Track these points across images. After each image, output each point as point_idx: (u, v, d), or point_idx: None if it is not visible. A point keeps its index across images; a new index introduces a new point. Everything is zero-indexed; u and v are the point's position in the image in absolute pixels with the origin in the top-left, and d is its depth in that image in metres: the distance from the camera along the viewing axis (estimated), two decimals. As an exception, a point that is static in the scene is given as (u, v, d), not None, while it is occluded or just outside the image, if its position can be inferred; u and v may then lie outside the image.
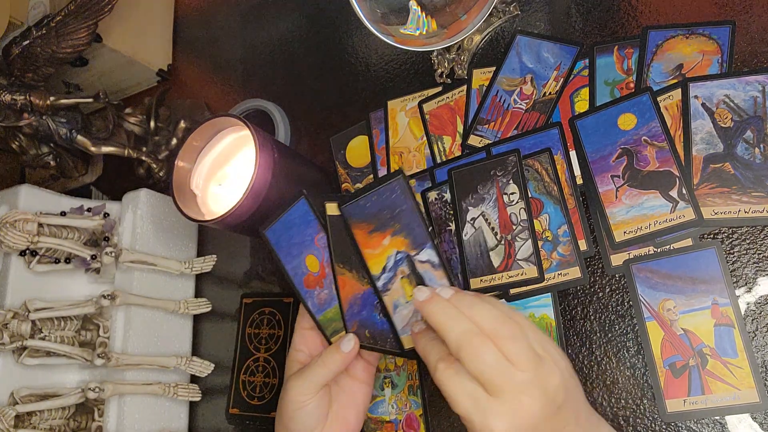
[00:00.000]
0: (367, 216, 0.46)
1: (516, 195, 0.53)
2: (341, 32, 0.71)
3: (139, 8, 0.79)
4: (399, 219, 0.45)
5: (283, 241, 0.50)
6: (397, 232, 0.46)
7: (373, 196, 0.46)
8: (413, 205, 0.45)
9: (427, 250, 0.45)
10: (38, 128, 0.69)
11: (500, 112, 0.58)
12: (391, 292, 0.46)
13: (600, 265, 0.50)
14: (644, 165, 0.50)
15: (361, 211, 0.47)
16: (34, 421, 0.56)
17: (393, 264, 0.46)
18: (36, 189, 0.63)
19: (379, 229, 0.46)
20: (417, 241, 0.45)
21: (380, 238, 0.46)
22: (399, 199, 0.45)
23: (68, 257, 0.62)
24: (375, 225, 0.46)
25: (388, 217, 0.46)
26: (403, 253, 0.46)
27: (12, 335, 0.57)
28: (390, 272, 0.46)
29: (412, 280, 0.46)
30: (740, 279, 0.46)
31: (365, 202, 0.46)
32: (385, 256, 0.46)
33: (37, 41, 0.65)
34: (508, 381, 0.37)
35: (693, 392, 0.45)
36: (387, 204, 0.46)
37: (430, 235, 0.45)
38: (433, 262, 0.45)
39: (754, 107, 0.48)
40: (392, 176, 0.45)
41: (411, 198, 0.45)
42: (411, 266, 0.45)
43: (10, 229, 0.57)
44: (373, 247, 0.46)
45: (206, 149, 0.60)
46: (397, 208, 0.46)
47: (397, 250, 0.46)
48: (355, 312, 0.48)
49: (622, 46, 0.55)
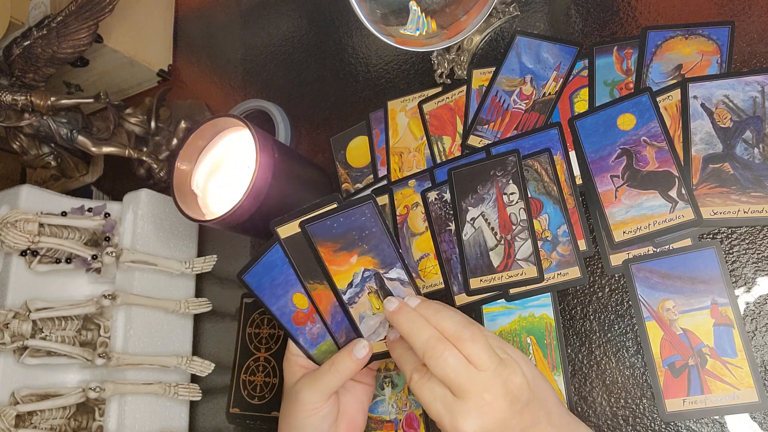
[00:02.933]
0: (333, 236, 0.47)
1: (516, 195, 0.53)
2: (341, 33, 0.71)
3: (139, 9, 0.79)
4: (367, 240, 0.46)
5: (265, 282, 0.49)
6: (365, 252, 0.47)
7: (340, 218, 0.46)
8: (383, 228, 0.46)
9: (396, 269, 0.47)
10: (39, 128, 0.69)
11: (500, 112, 0.58)
12: (358, 305, 0.48)
13: (599, 265, 0.50)
14: (644, 165, 0.50)
15: (326, 231, 0.47)
16: (34, 420, 0.57)
17: (360, 280, 0.47)
18: (37, 189, 0.64)
19: (346, 248, 0.47)
20: (386, 261, 0.47)
21: (347, 257, 0.47)
22: (369, 222, 0.46)
23: (69, 257, 0.62)
24: (341, 244, 0.47)
25: (356, 238, 0.46)
26: (371, 271, 0.47)
27: (13, 335, 0.57)
28: (357, 288, 0.47)
29: (380, 295, 0.47)
30: (739, 279, 0.46)
31: (332, 223, 0.46)
32: (351, 272, 0.47)
33: (38, 42, 0.65)
34: (471, 381, 0.39)
35: (692, 392, 0.45)
36: (355, 225, 0.46)
37: (399, 255, 0.47)
38: (402, 279, 0.47)
39: (753, 107, 0.48)
40: (363, 200, 0.45)
41: (381, 221, 0.46)
42: (380, 282, 0.47)
43: (11, 229, 0.58)
44: (339, 264, 0.47)
45: (207, 149, 0.60)
46: (366, 230, 0.46)
47: (365, 268, 0.47)
48: (338, 321, 0.49)
49: (621, 46, 0.55)
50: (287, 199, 0.56)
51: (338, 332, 0.49)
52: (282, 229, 0.48)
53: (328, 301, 0.49)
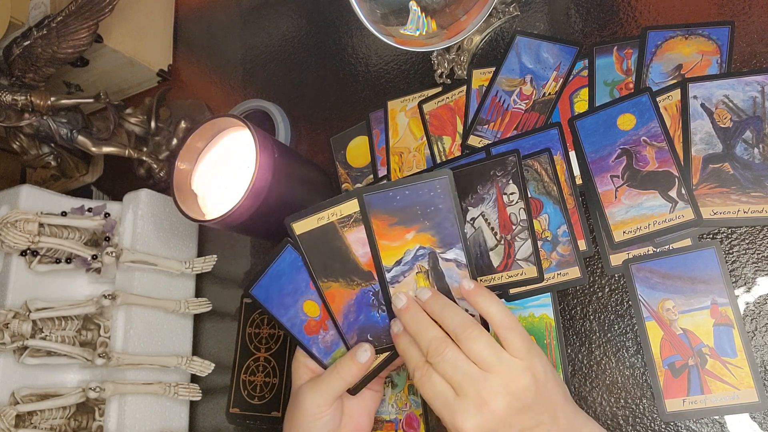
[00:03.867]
0: (392, 209, 0.45)
1: (515, 195, 0.53)
2: (341, 33, 0.71)
3: (139, 9, 0.79)
4: (431, 217, 0.44)
5: (274, 293, 0.49)
6: (424, 229, 0.45)
7: (405, 190, 0.44)
8: (452, 206, 0.44)
9: (456, 249, 0.45)
10: (39, 128, 0.69)
11: (500, 112, 0.58)
12: (400, 284, 0.46)
13: (599, 265, 0.50)
14: (643, 165, 0.50)
15: (386, 203, 0.45)
16: (34, 420, 0.57)
17: (412, 258, 0.45)
18: (37, 189, 0.64)
19: (404, 223, 0.45)
20: (446, 240, 0.45)
21: (402, 232, 0.45)
22: (437, 198, 0.44)
23: (69, 257, 0.62)
24: (399, 219, 0.45)
25: (418, 214, 0.45)
26: (427, 249, 0.45)
27: (13, 335, 0.57)
28: (405, 266, 0.46)
29: (430, 275, 0.46)
30: (739, 279, 0.46)
31: (395, 195, 0.44)
32: (403, 249, 0.45)
33: (38, 42, 0.65)
34: (469, 380, 0.40)
35: (692, 392, 0.45)
36: (420, 201, 0.44)
37: (463, 236, 0.45)
38: (459, 261, 0.45)
39: (753, 107, 0.48)
40: (438, 174, 0.44)
41: (452, 199, 0.44)
42: (434, 262, 0.45)
43: (11, 229, 0.58)
44: (391, 239, 0.45)
45: (206, 149, 0.60)
46: (432, 206, 0.44)
47: (421, 245, 0.45)
48: (351, 321, 0.47)
49: (621, 46, 0.55)
50: (287, 199, 0.56)
51: (349, 333, 0.48)
52: (298, 224, 0.47)
53: (341, 299, 0.47)
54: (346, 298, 0.47)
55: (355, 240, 0.47)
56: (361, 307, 0.47)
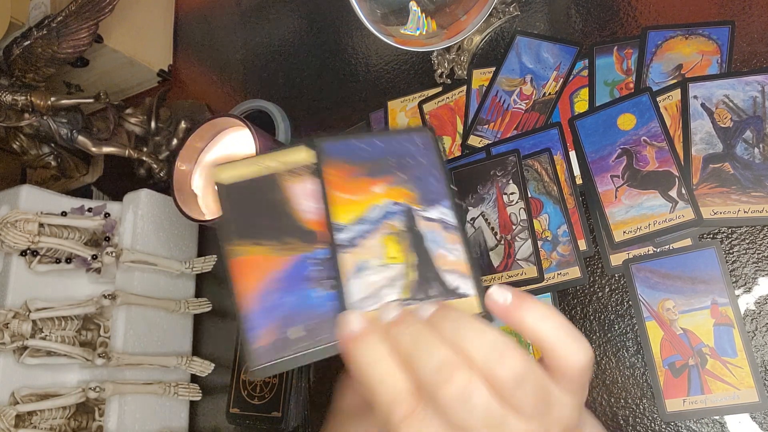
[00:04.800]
0: (358, 159, 0.36)
1: (516, 195, 0.53)
2: (341, 33, 0.71)
3: (139, 9, 0.79)
4: (409, 170, 0.36)
5: None
6: (399, 182, 0.35)
7: (377, 141, 0.36)
8: (436, 162, 0.36)
9: (442, 207, 0.35)
10: (39, 128, 0.69)
11: (500, 112, 0.58)
12: (358, 249, 0.33)
13: (599, 265, 0.50)
14: (644, 165, 0.50)
15: (350, 152, 0.36)
16: (34, 420, 0.57)
17: (380, 215, 0.35)
18: (37, 189, 0.63)
19: (373, 174, 0.36)
20: (428, 195, 0.35)
21: (368, 184, 0.35)
22: (418, 152, 0.36)
23: (69, 257, 0.62)
24: (366, 169, 0.36)
25: (391, 164, 0.36)
26: (401, 206, 0.35)
27: (13, 335, 0.57)
28: (369, 225, 0.34)
29: (405, 238, 0.34)
30: (740, 279, 0.46)
31: (363, 144, 0.36)
32: (368, 204, 0.35)
33: (38, 42, 0.65)
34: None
35: (692, 392, 0.45)
36: (396, 152, 0.36)
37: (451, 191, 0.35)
38: (446, 222, 0.35)
39: (753, 107, 0.48)
40: (417, 129, 0.37)
41: (436, 155, 0.36)
42: (409, 222, 0.35)
43: (11, 229, 0.58)
44: (351, 191, 0.35)
45: (207, 149, 0.60)
46: (410, 158, 0.36)
47: (394, 200, 0.35)
48: (271, 304, 0.33)
49: (621, 46, 0.55)
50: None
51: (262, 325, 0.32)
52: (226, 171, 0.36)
53: (261, 272, 0.33)
54: (271, 268, 0.33)
55: (300, 192, 0.35)
56: (292, 282, 0.33)
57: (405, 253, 0.34)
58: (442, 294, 0.33)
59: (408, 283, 0.33)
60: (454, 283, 0.33)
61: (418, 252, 0.34)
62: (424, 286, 0.33)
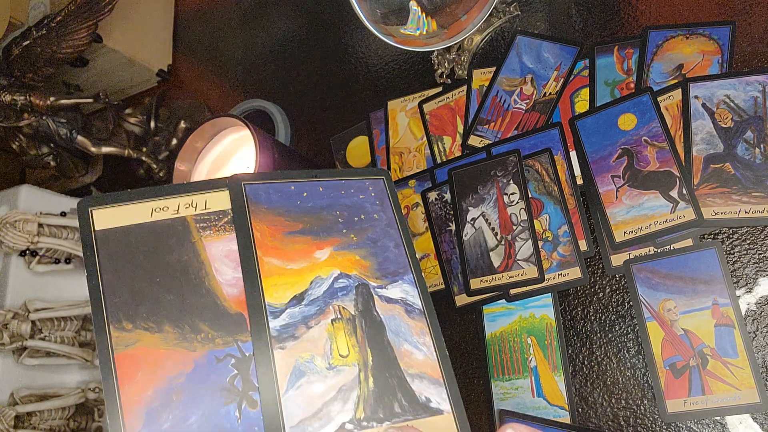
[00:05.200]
0: (294, 209, 0.28)
1: (516, 195, 0.53)
2: (341, 33, 0.71)
3: (139, 9, 0.79)
4: (360, 230, 0.29)
5: None
6: (349, 245, 0.28)
7: (319, 187, 0.29)
8: (393, 218, 0.29)
9: (403, 283, 0.28)
10: (38, 128, 0.69)
11: (500, 112, 0.58)
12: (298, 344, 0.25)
13: (600, 266, 0.50)
14: (644, 165, 0.50)
15: (283, 200, 0.28)
16: (34, 421, 0.56)
17: (324, 293, 0.26)
18: (36, 189, 0.63)
19: (314, 233, 0.28)
20: (386, 266, 0.28)
21: (310, 247, 0.28)
22: (371, 204, 0.30)
23: (68, 257, 0.62)
24: (305, 225, 0.28)
25: (339, 222, 0.29)
26: (353, 280, 0.27)
27: (12, 335, 0.57)
28: (311, 306, 0.26)
29: (359, 327, 0.26)
30: (741, 279, 0.46)
31: (299, 190, 0.28)
32: (310, 276, 0.27)
33: (38, 41, 0.65)
34: None
35: (693, 392, 0.45)
36: (344, 203, 0.29)
37: (413, 263, 0.29)
38: (410, 303, 0.27)
39: (754, 107, 0.48)
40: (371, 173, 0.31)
41: (392, 206, 0.30)
42: (365, 303, 0.27)
43: (10, 230, 0.57)
44: (287, 257, 0.27)
45: (206, 149, 0.60)
46: (363, 213, 0.29)
47: (341, 271, 0.27)
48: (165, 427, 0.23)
49: (622, 46, 0.55)
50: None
51: None
52: (103, 213, 0.25)
53: (156, 374, 0.23)
54: (169, 370, 0.23)
55: (221, 254, 0.27)
56: (197, 393, 0.23)
57: (360, 349, 0.25)
58: (408, 411, 0.24)
59: (364, 396, 0.24)
60: (425, 392, 0.25)
61: (376, 348, 0.26)
62: (385, 400, 0.24)
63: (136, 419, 0.22)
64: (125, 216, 0.25)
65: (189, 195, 0.27)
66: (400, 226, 0.29)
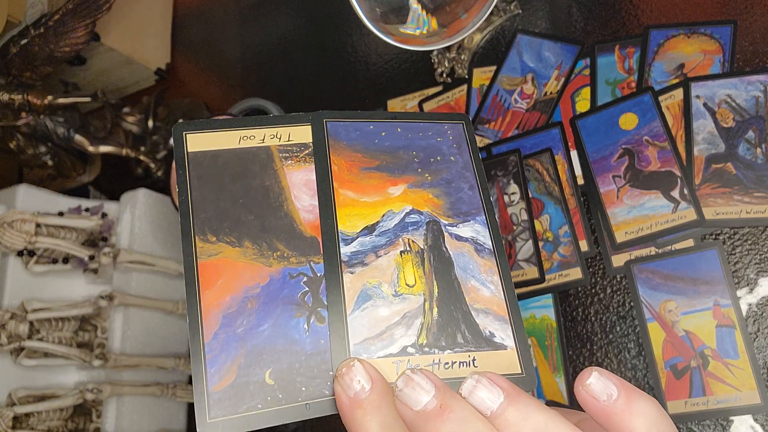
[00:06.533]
0: (370, 147, 0.29)
1: (516, 195, 0.53)
2: (340, 31, 0.71)
3: (137, 7, 0.79)
4: (436, 170, 0.29)
5: None
6: (423, 184, 0.29)
7: (397, 127, 0.30)
8: (470, 161, 0.30)
9: (476, 223, 0.28)
10: (36, 127, 0.68)
11: (501, 111, 0.57)
12: (366, 270, 0.26)
13: (601, 266, 0.50)
14: (646, 165, 0.50)
15: (362, 138, 0.29)
16: (31, 422, 0.56)
17: (395, 226, 0.28)
18: (34, 189, 0.63)
19: (389, 170, 0.29)
20: (459, 206, 0.29)
21: (384, 183, 0.29)
22: (448, 147, 0.30)
23: (66, 257, 0.61)
24: (381, 162, 0.29)
25: (414, 161, 0.29)
26: (425, 216, 0.28)
27: (9, 336, 0.56)
28: (381, 237, 0.27)
29: (427, 261, 0.27)
30: (742, 280, 0.46)
31: (379, 129, 0.29)
32: (382, 209, 0.28)
33: (35, 40, 0.64)
34: None
35: (694, 394, 0.44)
36: (421, 145, 0.30)
37: (487, 204, 0.29)
38: (480, 243, 0.28)
39: (756, 107, 0.48)
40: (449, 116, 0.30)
41: (470, 152, 0.30)
42: (434, 239, 0.28)
43: (7, 229, 0.57)
44: (361, 190, 0.28)
45: (205, 149, 0.60)
46: (439, 155, 0.30)
47: (415, 208, 0.28)
48: (234, 333, 0.25)
49: (623, 45, 0.54)
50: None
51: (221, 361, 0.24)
52: (196, 137, 0.28)
53: (234, 284, 0.25)
54: (246, 281, 0.26)
55: (300, 182, 0.28)
56: (270, 304, 0.26)
57: (426, 281, 0.27)
58: (471, 343, 0.25)
59: (428, 324, 0.26)
60: (489, 327, 0.26)
61: (443, 281, 0.27)
62: (448, 330, 0.25)
63: (213, 321, 0.24)
64: (215, 141, 0.28)
65: (274, 127, 0.29)
66: (476, 170, 0.30)
